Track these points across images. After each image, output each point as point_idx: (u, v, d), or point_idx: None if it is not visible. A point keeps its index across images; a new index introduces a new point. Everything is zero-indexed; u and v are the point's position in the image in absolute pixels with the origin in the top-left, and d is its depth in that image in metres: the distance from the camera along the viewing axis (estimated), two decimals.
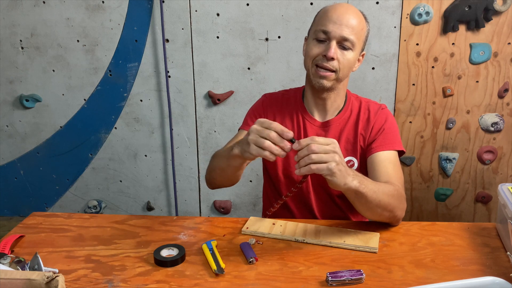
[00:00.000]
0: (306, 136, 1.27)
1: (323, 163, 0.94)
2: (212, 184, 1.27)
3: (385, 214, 1.10)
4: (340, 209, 1.31)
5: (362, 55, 1.25)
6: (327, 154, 0.94)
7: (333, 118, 1.27)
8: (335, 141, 0.97)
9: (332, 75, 1.17)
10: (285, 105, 1.31)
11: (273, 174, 1.33)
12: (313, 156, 0.94)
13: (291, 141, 0.97)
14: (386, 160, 1.20)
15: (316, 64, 1.18)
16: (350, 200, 1.09)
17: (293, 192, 1.11)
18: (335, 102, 1.27)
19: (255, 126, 0.98)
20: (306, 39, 1.25)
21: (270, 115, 1.30)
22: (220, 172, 1.19)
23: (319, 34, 1.16)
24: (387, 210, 1.09)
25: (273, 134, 0.95)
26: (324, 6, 1.23)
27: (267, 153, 0.96)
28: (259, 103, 1.35)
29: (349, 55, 1.17)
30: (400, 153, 1.25)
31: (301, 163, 0.96)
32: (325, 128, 1.28)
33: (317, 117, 1.28)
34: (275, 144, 0.96)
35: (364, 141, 1.26)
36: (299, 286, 0.93)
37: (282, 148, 0.96)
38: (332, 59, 1.15)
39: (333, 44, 1.14)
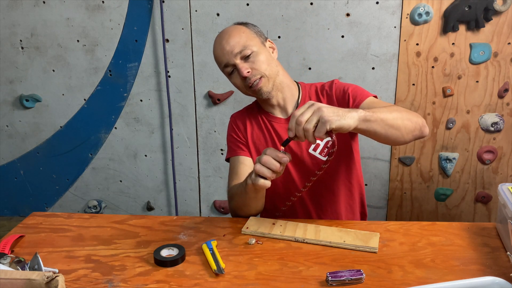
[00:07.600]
0: (278, 135, 1.32)
1: (319, 123, 0.95)
2: (243, 216, 1.29)
3: (409, 124, 1.09)
4: (328, 189, 1.32)
5: (269, 42, 1.32)
6: (313, 115, 0.95)
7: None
8: (311, 101, 0.98)
9: (263, 79, 1.24)
10: (251, 117, 1.37)
11: None
12: (307, 126, 0.95)
13: (288, 140, 1.02)
14: (372, 103, 1.23)
15: (248, 87, 1.25)
16: (370, 135, 1.06)
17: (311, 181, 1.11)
18: (287, 96, 1.31)
19: (257, 166, 1.03)
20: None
21: (241, 130, 1.36)
22: (247, 208, 1.23)
23: (225, 70, 1.26)
24: (407, 119, 1.09)
25: (275, 164, 1.01)
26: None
27: (267, 183, 1.03)
28: (230, 125, 1.40)
29: (257, 56, 1.23)
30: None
31: (308, 137, 0.96)
32: None
33: (280, 115, 1.34)
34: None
35: None
36: (299, 286, 0.93)
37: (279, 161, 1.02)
38: (249, 72, 1.21)
39: (239, 64, 1.22)
